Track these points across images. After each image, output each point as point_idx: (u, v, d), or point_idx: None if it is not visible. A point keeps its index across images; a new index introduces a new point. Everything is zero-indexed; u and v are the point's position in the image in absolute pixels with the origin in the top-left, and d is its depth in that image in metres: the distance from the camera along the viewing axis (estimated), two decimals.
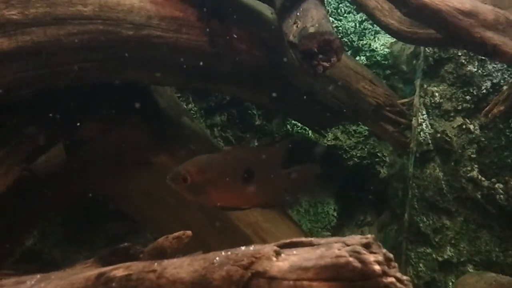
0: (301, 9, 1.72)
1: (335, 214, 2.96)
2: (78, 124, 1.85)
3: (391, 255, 0.81)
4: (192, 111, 2.83)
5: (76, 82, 1.68)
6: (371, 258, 0.77)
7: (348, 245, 0.82)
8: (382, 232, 2.98)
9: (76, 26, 1.57)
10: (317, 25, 1.58)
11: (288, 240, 0.90)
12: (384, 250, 0.82)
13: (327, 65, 1.50)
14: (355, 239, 0.83)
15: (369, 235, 0.84)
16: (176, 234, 1.34)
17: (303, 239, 0.89)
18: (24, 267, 2.67)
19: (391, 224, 2.91)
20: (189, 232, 1.36)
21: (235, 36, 1.84)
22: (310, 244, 0.87)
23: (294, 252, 0.85)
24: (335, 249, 0.81)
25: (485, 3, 1.46)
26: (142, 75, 1.80)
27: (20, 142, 1.70)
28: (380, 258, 0.78)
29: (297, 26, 1.66)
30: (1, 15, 1.48)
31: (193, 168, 1.49)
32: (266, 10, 1.97)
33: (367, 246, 0.81)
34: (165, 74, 1.82)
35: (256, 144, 2.91)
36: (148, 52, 1.71)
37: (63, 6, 1.55)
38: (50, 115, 1.78)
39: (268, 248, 0.86)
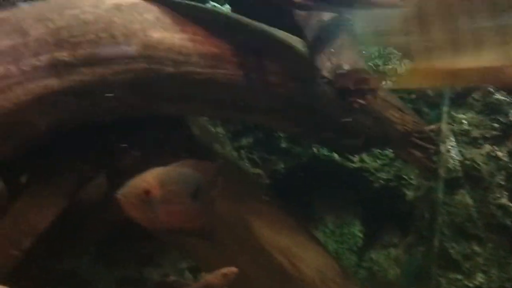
0: (334, 45, 1.77)
1: (361, 235, 2.98)
2: (119, 155, 1.92)
3: None
4: (220, 134, 2.90)
5: (120, 117, 1.76)
6: None
7: None
8: (408, 253, 3.00)
9: (121, 65, 1.65)
10: (352, 62, 1.63)
11: None
12: None
13: (363, 102, 1.55)
14: None
15: None
16: (223, 270, 1.40)
17: None
18: None
19: (417, 246, 2.93)
20: (234, 269, 1.41)
21: (269, 69, 1.90)
22: None
23: None
24: None
25: None
26: (181, 109, 1.87)
27: (67, 174, 1.79)
28: None
29: (331, 63, 1.71)
30: (53, 57, 1.57)
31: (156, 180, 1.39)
32: (297, 43, 2.03)
33: None
34: (203, 107, 1.89)
35: (282, 166, 2.97)
36: (187, 87, 1.78)
37: (109, 46, 1.64)
38: (93, 147, 1.86)
39: None
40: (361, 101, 1.55)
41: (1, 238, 1.77)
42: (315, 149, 2.92)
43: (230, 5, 2.31)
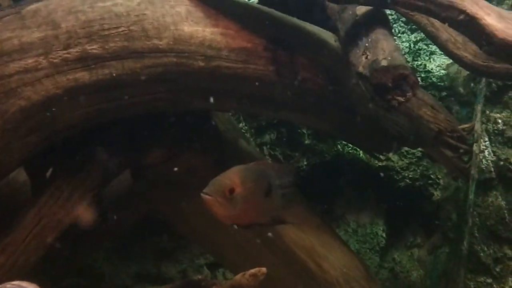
0: (369, 39, 1.70)
1: (384, 235, 2.93)
2: (144, 151, 1.89)
3: None
4: (243, 130, 2.85)
5: (148, 111, 1.73)
6: None
7: None
8: (432, 254, 2.93)
9: (151, 59, 1.61)
10: (389, 58, 1.56)
11: None
12: None
13: (403, 100, 1.49)
14: None
15: None
16: (252, 271, 1.36)
17: None
18: (76, 281, 2.74)
19: (442, 247, 2.86)
20: (264, 270, 1.38)
21: (300, 65, 1.85)
22: None
23: None
24: None
25: None
26: (210, 103, 1.82)
27: (92, 169, 1.76)
28: None
29: (366, 58, 1.64)
30: (84, 49, 1.53)
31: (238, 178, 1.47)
32: (330, 38, 1.97)
33: None
34: (233, 102, 1.85)
35: (305, 163, 2.91)
36: (217, 82, 1.73)
37: (140, 40, 1.59)
38: (119, 142, 1.83)
39: None
40: (400, 98, 1.48)
41: (25, 233, 1.75)
42: (339, 147, 2.86)
43: None
